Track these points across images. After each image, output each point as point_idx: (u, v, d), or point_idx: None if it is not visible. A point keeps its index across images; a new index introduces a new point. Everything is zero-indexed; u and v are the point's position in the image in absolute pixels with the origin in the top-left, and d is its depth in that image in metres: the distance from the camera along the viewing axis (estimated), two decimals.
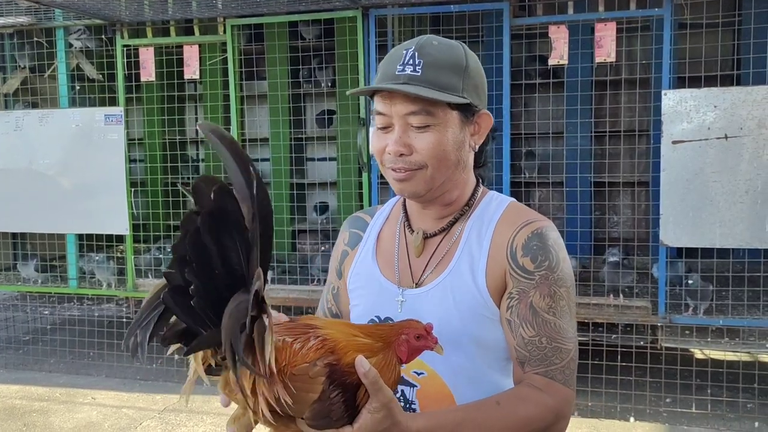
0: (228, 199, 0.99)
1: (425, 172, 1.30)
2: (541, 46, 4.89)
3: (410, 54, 1.28)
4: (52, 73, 5.27)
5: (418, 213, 1.43)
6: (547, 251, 1.30)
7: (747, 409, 4.02)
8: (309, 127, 6.16)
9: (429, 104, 1.27)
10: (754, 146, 3.70)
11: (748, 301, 4.00)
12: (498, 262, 1.32)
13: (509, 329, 1.29)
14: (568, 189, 4.90)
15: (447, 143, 1.30)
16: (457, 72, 1.30)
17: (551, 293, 1.27)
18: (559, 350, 1.26)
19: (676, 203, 3.81)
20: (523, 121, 4.86)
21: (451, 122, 1.30)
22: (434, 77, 1.27)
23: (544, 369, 1.25)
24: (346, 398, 1.11)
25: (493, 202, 1.41)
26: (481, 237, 1.36)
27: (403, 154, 1.29)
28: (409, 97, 1.27)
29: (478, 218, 1.38)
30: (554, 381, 1.25)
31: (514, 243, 1.31)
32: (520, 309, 1.28)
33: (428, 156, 1.29)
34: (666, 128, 3.82)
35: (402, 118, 1.29)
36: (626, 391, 4.06)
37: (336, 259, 1.58)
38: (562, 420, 1.25)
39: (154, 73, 4.77)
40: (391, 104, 1.29)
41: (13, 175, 4.92)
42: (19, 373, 4.97)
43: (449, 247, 1.38)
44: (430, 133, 1.29)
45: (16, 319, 5.97)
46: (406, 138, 1.29)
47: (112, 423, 3.96)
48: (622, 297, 4.11)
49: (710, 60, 4.32)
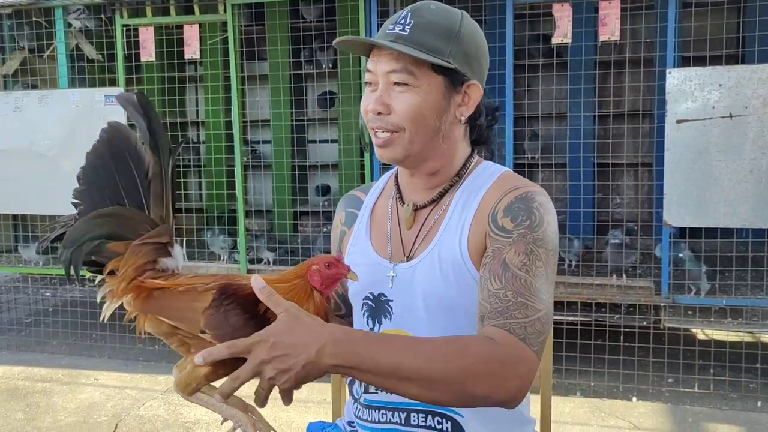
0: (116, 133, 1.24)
1: (402, 135, 1.29)
2: (544, 25, 4.84)
3: (404, 14, 1.29)
4: (51, 53, 5.23)
5: (408, 184, 1.42)
6: (529, 212, 1.25)
7: (749, 388, 4.02)
8: (310, 109, 6.12)
9: (411, 64, 1.26)
10: (759, 125, 3.67)
11: (751, 281, 3.99)
12: (480, 226, 1.30)
13: (480, 287, 1.23)
14: (571, 169, 4.87)
15: (426, 107, 1.28)
16: (446, 37, 1.27)
17: (527, 251, 1.21)
18: (524, 306, 1.15)
19: (680, 183, 3.79)
20: (526, 101, 4.82)
21: (434, 87, 1.29)
22: (419, 38, 1.26)
23: (503, 321, 1.14)
24: (243, 308, 1.11)
25: (486, 171, 1.39)
26: (468, 204, 1.34)
27: (381, 113, 1.29)
28: (393, 54, 1.27)
29: (467, 188, 1.36)
30: (511, 334, 1.12)
31: (497, 206, 1.29)
32: (492, 265, 1.22)
33: (405, 118, 1.28)
34: (670, 107, 3.79)
35: (385, 76, 1.29)
36: (629, 371, 4.06)
37: (336, 240, 1.57)
38: (511, 372, 1.08)
39: (154, 53, 4.73)
40: (377, 61, 1.30)
41: (13, 156, 4.89)
42: (21, 354, 4.98)
43: (437, 218, 1.36)
44: (409, 95, 1.28)
45: (18, 301, 5.98)
46: (386, 97, 1.29)
47: (115, 403, 3.97)
48: (625, 277, 4.10)
49: (715, 38, 4.27)
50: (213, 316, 1.11)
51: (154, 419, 3.74)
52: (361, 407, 1.42)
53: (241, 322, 1.10)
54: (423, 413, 1.34)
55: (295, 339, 1.03)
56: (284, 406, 1.11)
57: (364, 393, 1.40)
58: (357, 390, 1.44)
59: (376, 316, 1.40)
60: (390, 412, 1.37)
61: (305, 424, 3.73)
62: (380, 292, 1.39)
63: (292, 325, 1.05)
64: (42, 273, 5.29)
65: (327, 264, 1.18)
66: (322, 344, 1.03)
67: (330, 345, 1.04)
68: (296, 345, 1.03)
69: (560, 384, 4.13)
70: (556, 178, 5.09)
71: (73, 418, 3.77)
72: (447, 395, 1.07)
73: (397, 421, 1.36)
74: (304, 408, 3.81)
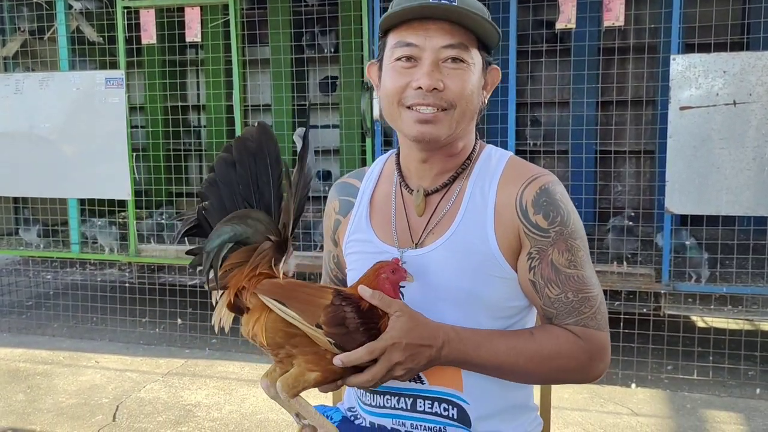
0: (266, 136, 1.18)
1: (452, 113, 1.25)
2: (548, 10, 4.81)
3: None
4: (51, 35, 5.20)
5: (417, 169, 1.37)
6: (557, 206, 1.28)
7: (748, 376, 4.03)
8: (311, 93, 6.10)
9: (465, 39, 1.23)
10: (763, 113, 3.65)
11: (752, 269, 3.99)
12: (509, 220, 1.28)
13: (533, 290, 1.29)
14: (573, 156, 4.86)
15: (474, 86, 1.27)
16: (485, 14, 1.25)
17: (569, 247, 1.27)
18: (586, 299, 1.26)
19: (682, 170, 3.77)
20: (528, 87, 4.80)
21: (477, 65, 1.28)
22: (472, 6, 1.21)
23: (575, 319, 1.26)
24: (357, 312, 1.16)
25: (492, 157, 1.37)
26: (485, 195, 1.31)
27: (436, 89, 1.22)
28: (445, 28, 1.22)
29: (480, 176, 1.34)
30: (587, 328, 1.26)
31: (523, 201, 1.28)
32: (542, 269, 1.27)
33: (459, 95, 1.24)
34: (674, 94, 3.77)
35: (436, 51, 1.23)
36: (628, 358, 4.07)
37: (330, 228, 1.53)
38: (597, 362, 1.25)
39: (155, 35, 4.70)
40: (425, 35, 1.23)
41: (14, 139, 4.88)
42: (22, 336, 4.99)
43: (450, 206, 1.33)
44: (463, 71, 1.24)
45: (18, 283, 5.99)
46: (437, 73, 1.23)
47: (116, 386, 3.99)
48: (626, 264, 4.10)
49: (720, 25, 4.25)
50: (332, 314, 1.15)
51: (154, 401, 3.76)
52: (365, 392, 1.41)
53: (354, 324, 1.15)
54: (429, 400, 1.33)
55: (419, 340, 1.15)
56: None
57: None
58: None
59: None
60: (396, 397, 1.36)
61: None
62: None
63: (413, 326, 1.15)
64: (43, 256, 5.29)
65: (392, 270, 1.23)
66: (441, 344, 1.17)
67: (446, 345, 1.18)
68: (422, 345, 1.15)
69: None
70: (558, 165, 5.08)
71: (74, 400, 3.79)
72: (541, 383, 1.37)
73: (403, 406, 1.35)
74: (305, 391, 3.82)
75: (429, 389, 1.33)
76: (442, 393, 1.32)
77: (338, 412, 1.53)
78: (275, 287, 1.18)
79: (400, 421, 1.36)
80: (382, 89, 1.32)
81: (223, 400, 3.76)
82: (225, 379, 4.06)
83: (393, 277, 1.23)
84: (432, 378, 1.32)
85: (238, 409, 3.65)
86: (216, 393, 3.87)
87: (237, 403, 3.72)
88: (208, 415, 3.57)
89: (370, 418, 1.40)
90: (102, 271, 5.67)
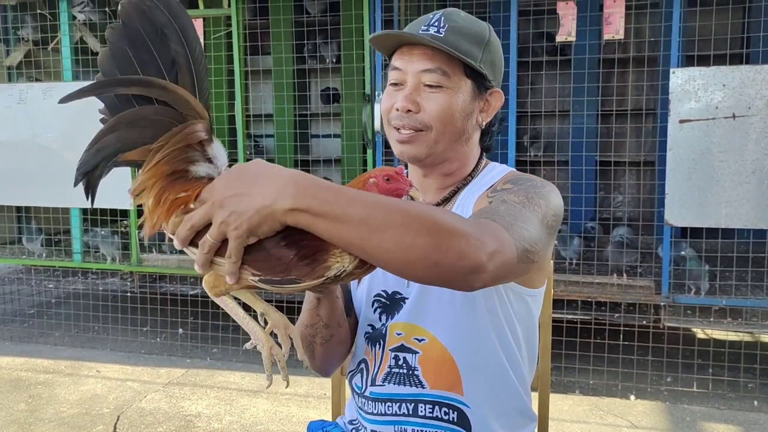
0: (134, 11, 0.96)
1: (428, 134, 1.31)
2: (548, 22, 4.84)
3: (437, 18, 1.31)
4: (55, 46, 5.24)
5: (420, 184, 1.44)
6: (533, 180, 1.29)
7: (747, 388, 4.03)
8: (313, 104, 6.13)
9: (445, 65, 1.29)
10: (762, 126, 3.67)
11: (751, 281, 4.00)
12: (481, 202, 1.32)
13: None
14: (574, 168, 4.88)
15: (455, 109, 1.31)
16: (478, 43, 1.31)
17: (528, 197, 1.19)
18: (513, 217, 1.09)
19: (682, 183, 3.79)
20: (529, 99, 4.83)
21: (463, 90, 1.32)
22: (455, 41, 1.28)
23: (486, 217, 1.08)
24: None
25: (493, 170, 1.43)
26: (473, 194, 1.37)
27: (410, 110, 1.30)
28: (427, 54, 1.29)
29: (476, 185, 1.40)
30: (496, 222, 1.05)
31: (498, 182, 1.33)
32: (490, 205, 1.19)
33: (435, 117, 1.30)
34: (673, 107, 3.79)
35: (417, 75, 1.30)
36: (628, 370, 4.08)
37: None
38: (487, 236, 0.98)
39: None
40: (409, 60, 1.31)
41: (17, 148, 4.91)
42: (24, 345, 5.01)
43: None
44: (441, 95, 1.30)
45: (21, 292, 6.01)
46: (416, 96, 1.30)
47: (117, 395, 4.00)
48: (626, 276, 4.11)
49: (719, 38, 4.27)
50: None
51: (155, 412, 3.76)
52: (366, 400, 1.43)
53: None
54: (430, 404, 1.36)
55: (251, 180, 0.92)
56: (283, 393, 1.10)
57: (370, 386, 1.42)
58: (358, 385, 1.46)
59: (389, 312, 1.41)
60: (397, 404, 1.38)
61: (305, 419, 3.76)
62: (395, 290, 1.41)
63: (249, 168, 0.95)
64: (45, 264, 5.31)
65: (386, 177, 1.03)
66: (282, 185, 0.91)
67: (291, 186, 0.91)
68: (251, 185, 0.92)
69: (559, 381, 4.14)
70: (559, 176, 5.09)
71: (75, 409, 3.80)
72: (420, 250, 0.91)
73: (404, 412, 1.38)
74: (305, 402, 3.83)
75: (429, 393, 1.35)
76: (443, 397, 1.35)
77: (337, 428, 1.54)
78: None
79: (402, 428, 1.38)
80: (380, 109, 1.41)
81: (224, 411, 3.77)
82: (226, 389, 4.07)
83: (385, 185, 1.03)
84: (432, 382, 1.35)
85: (238, 420, 3.65)
86: (216, 403, 3.88)
87: (237, 413, 3.73)
88: (208, 426, 3.58)
89: (372, 427, 1.42)
90: (104, 281, 5.69)
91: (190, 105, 0.98)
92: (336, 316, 1.37)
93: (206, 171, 1.01)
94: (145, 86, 0.97)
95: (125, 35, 0.98)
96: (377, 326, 1.43)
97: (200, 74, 0.99)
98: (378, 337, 1.42)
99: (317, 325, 1.38)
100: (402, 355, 1.37)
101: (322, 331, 1.38)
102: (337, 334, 1.40)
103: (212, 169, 1.02)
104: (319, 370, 1.51)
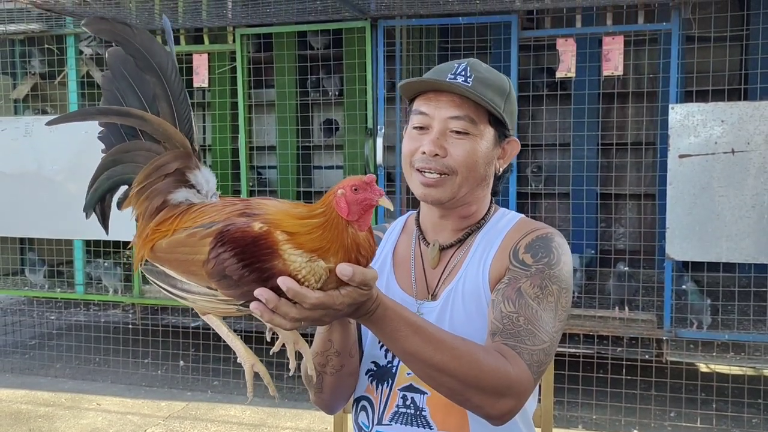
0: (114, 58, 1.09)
1: (454, 179, 1.35)
2: (548, 58, 4.90)
3: (462, 67, 1.36)
4: (62, 79, 5.31)
5: (435, 226, 1.47)
6: (548, 250, 1.33)
7: (752, 424, 4.00)
8: (316, 136, 6.18)
9: (473, 113, 1.34)
10: (761, 161, 3.70)
11: (754, 315, 3.99)
12: (501, 261, 1.36)
13: (491, 308, 1.29)
14: (575, 201, 4.90)
15: (479, 156, 1.36)
16: (501, 94, 1.37)
17: (542, 285, 1.28)
18: (533, 334, 1.23)
19: (683, 217, 3.81)
20: (530, 132, 4.87)
21: (486, 137, 1.37)
22: (482, 91, 1.34)
23: (514, 343, 1.21)
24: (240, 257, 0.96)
25: (505, 216, 1.47)
26: (490, 244, 1.40)
27: (438, 155, 1.34)
28: (455, 101, 1.34)
29: (490, 230, 1.43)
30: (520, 357, 1.20)
31: (518, 245, 1.36)
32: (506, 291, 1.29)
33: (461, 163, 1.34)
34: (673, 142, 3.83)
35: (444, 121, 1.35)
36: (631, 405, 4.05)
37: None
38: (509, 396, 1.16)
39: None
40: (436, 106, 1.35)
41: (22, 180, 4.95)
42: (24, 377, 4.99)
43: (460, 257, 1.42)
44: (467, 141, 1.34)
45: (22, 323, 6.00)
46: (444, 141, 1.35)
47: (117, 429, 3.97)
48: (628, 310, 4.10)
49: (718, 74, 4.33)
50: (213, 268, 0.97)
51: None
52: None
53: (238, 274, 0.96)
54: None
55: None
56: (284, 427, 1.14)
57: (377, 425, 1.42)
58: (365, 422, 1.45)
59: None
60: None
61: None
62: None
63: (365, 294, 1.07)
64: (47, 296, 5.31)
65: (354, 187, 0.98)
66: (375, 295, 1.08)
67: (379, 300, 1.09)
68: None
69: (562, 416, 4.12)
70: (560, 209, 5.12)
71: None
72: (447, 390, 1.16)
73: None
74: None
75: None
76: None
77: None
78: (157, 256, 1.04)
79: None
80: (402, 151, 1.44)
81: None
82: (226, 423, 4.05)
83: (353, 196, 0.98)
84: (440, 423, 1.35)
85: None
86: None
87: None
88: None
89: None
90: (106, 312, 5.69)
91: (168, 134, 1.08)
92: (348, 344, 1.36)
93: (185, 196, 1.10)
94: (123, 116, 1.08)
95: (113, 80, 1.10)
96: (382, 364, 1.43)
97: (179, 105, 1.09)
98: (386, 376, 1.42)
99: (328, 352, 1.37)
100: (410, 395, 1.38)
101: (333, 359, 1.37)
102: (348, 364, 1.39)
103: (192, 195, 1.10)
104: (325, 406, 1.49)
